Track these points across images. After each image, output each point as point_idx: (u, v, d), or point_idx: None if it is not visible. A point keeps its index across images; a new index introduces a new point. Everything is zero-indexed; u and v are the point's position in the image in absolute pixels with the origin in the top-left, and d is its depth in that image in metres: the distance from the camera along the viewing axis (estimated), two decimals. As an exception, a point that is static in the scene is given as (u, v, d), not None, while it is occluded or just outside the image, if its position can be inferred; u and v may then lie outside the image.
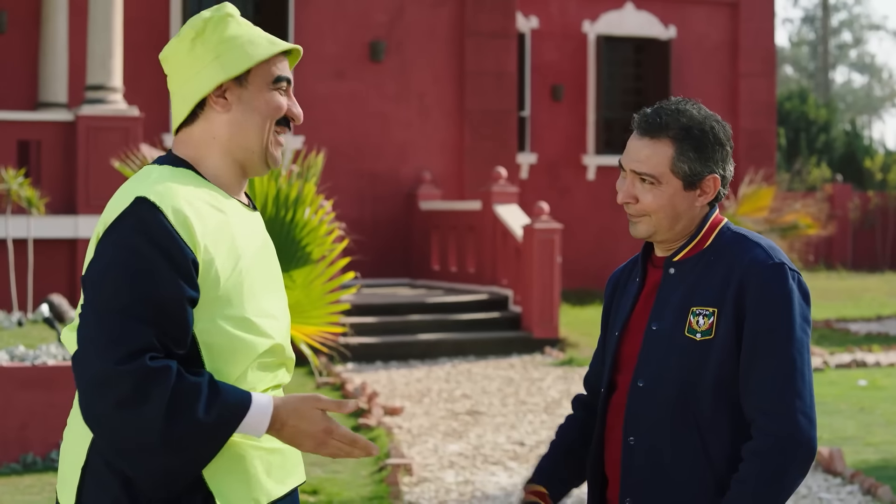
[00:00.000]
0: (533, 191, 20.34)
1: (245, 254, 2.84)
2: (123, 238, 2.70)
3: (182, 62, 2.92)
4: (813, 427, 2.96)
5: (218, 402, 2.68)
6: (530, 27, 21.13)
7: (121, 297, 2.67)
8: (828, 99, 49.77)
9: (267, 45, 2.90)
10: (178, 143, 2.93)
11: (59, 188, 14.28)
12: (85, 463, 2.78)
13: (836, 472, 8.35)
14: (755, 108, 22.30)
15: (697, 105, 3.12)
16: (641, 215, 3.11)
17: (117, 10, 14.48)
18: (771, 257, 3.02)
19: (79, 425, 2.81)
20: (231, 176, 2.92)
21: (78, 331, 2.73)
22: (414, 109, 18.58)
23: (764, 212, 16.50)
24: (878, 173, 30.70)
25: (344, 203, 16.77)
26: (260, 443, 2.82)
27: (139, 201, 2.73)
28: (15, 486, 8.10)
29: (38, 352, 9.00)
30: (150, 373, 2.63)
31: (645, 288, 3.17)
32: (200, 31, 2.90)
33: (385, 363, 14.02)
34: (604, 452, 3.17)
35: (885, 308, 20.27)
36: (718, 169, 3.09)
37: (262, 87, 2.90)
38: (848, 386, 12.22)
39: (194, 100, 2.88)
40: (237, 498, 2.77)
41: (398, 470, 8.37)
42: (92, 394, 2.65)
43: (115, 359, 2.62)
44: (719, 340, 2.99)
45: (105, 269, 2.70)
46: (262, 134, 2.90)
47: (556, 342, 15.00)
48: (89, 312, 2.70)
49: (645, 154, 3.08)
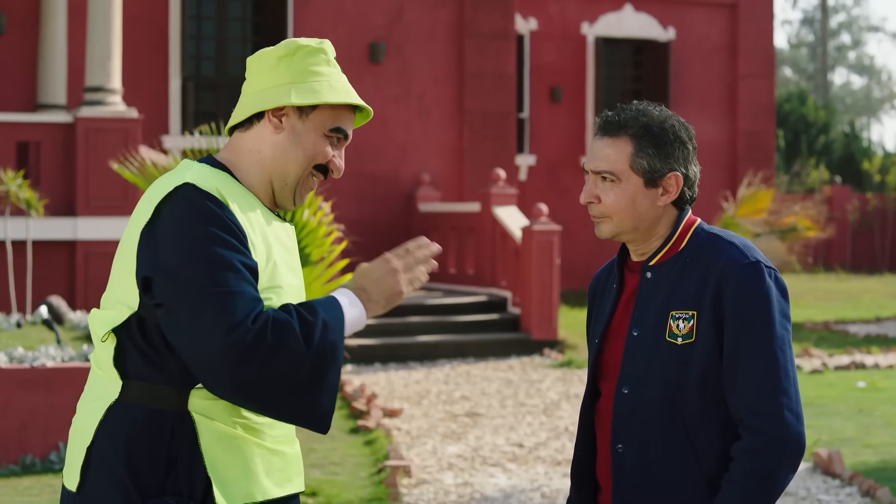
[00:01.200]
0: (532, 192, 20.34)
1: (276, 251, 2.92)
2: (181, 219, 2.78)
3: (262, 73, 2.99)
4: (800, 423, 2.98)
5: (321, 309, 2.81)
6: (529, 29, 21.13)
7: (209, 271, 2.73)
8: (827, 100, 49.79)
9: (341, 93, 2.96)
10: (226, 146, 3.02)
11: (58, 190, 14.28)
12: (91, 444, 2.84)
13: (835, 473, 8.35)
14: (754, 109, 22.31)
15: (659, 107, 3.13)
16: (604, 216, 3.11)
17: (116, 12, 14.48)
18: (746, 256, 3.02)
19: (86, 408, 2.89)
20: (263, 192, 2.98)
21: (179, 320, 2.75)
22: (413, 111, 18.58)
23: (763, 214, 16.49)
24: (877, 175, 30.70)
25: (343, 204, 16.77)
26: (262, 441, 2.88)
27: (185, 186, 2.81)
28: (14, 487, 8.10)
29: (37, 353, 9.00)
30: (274, 321, 2.74)
31: (623, 294, 3.17)
32: (292, 53, 2.97)
33: (384, 365, 14.01)
34: (595, 460, 3.18)
35: (883, 310, 20.27)
36: (680, 167, 3.09)
37: (317, 127, 2.95)
38: (847, 388, 12.21)
39: (255, 108, 2.95)
40: (235, 489, 2.83)
41: (397, 472, 8.36)
42: (232, 369, 2.71)
43: (241, 327, 2.70)
44: (701, 342, 3.00)
45: (180, 251, 2.76)
46: (299, 170, 2.96)
47: (555, 344, 15.00)
48: (184, 299, 2.74)
49: (605, 153, 3.09)
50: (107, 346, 2.86)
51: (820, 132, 34.48)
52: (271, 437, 2.90)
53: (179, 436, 2.81)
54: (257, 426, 2.88)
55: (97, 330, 2.88)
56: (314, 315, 2.79)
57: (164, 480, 2.80)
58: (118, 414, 2.83)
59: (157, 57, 17.37)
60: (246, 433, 2.85)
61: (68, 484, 2.88)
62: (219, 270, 2.73)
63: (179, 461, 2.81)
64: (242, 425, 2.85)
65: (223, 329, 2.70)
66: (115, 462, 2.80)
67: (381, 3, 18.43)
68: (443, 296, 16.26)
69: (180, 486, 2.80)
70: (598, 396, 3.17)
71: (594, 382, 3.17)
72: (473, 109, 18.79)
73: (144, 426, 2.81)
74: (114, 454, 2.80)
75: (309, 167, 2.96)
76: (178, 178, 2.85)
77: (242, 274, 2.75)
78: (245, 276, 2.76)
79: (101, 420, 2.84)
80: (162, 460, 2.80)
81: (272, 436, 2.91)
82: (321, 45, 2.99)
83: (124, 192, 14.10)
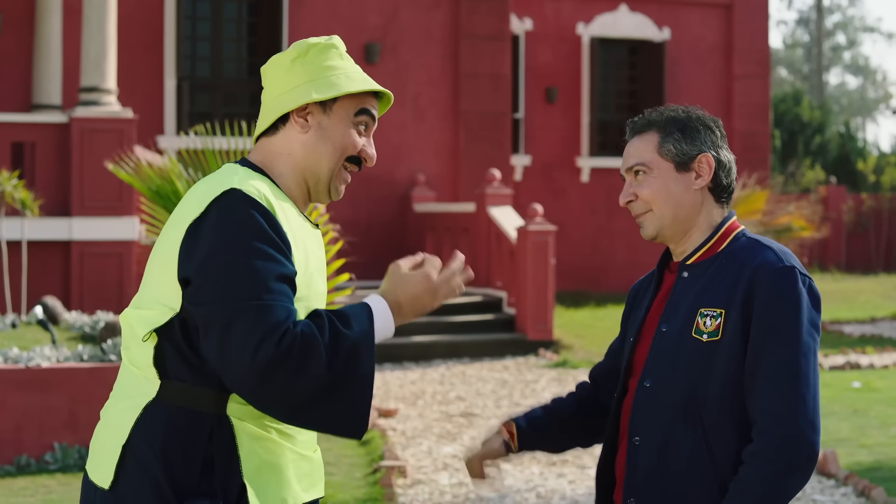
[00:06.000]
0: (527, 193, 20.35)
1: (312, 259, 2.94)
2: (226, 226, 2.79)
3: (278, 78, 3.00)
4: (815, 432, 2.94)
5: (352, 319, 2.83)
6: (524, 29, 21.14)
7: (246, 283, 2.75)
8: (822, 101, 49.83)
9: (361, 81, 2.98)
10: (256, 150, 3.02)
11: (53, 190, 14.26)
12: (126, 442, 2.83)
13: (830, 473, 8.35)
14: (749, 110, 22.32)
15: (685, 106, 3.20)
16: (644, 211, 3.12)
17: (111, 12, 14.46)
18: (781, 260, 3.01)
19: (121, 406, 2.87)
20: (298, 193, 3.00)
21: (212, 327, 2.76)
22: (408, 111, 18.58)
23: (758, 214, 16.52)
24: (872, 175, 30.74)
25: (338, 205, 16.77)
26: (294, 446, 2.91)
27: (231, 192, 2.82)
28: (9, 488, 8.09)
29: (32, 354, 9.00)
30: (302, 338, 2.74)
31: (659, 293, 3.18)
32: (304, 53, 2.99)
33: (379, 365, 14.01)
34: (615, 455, 3.17)
35: (878, 310, 20.29)
36: (709, 149, 3.11)
37: (343, 118, 2.98)
38: (842, 388, 12.22)
39: (278, 112, 2.97)
40: (269, 494, 2.85)
41: (392, 472, 8.37)
42: (258, 383, 2.73)
43: (268, 342, 2.71)
44: (726, 341, 2.98)
45: (220, 258, 2.77)
46: (331, 164, 2.98)
47: (550, 344, 15.00)
48: (219, 308, 2.75)
49: (633, 149, 3.14)
50: (146, 345, 2.86)
51: (815, 132, 34.52)
52: (301, 442, 2.93)
53: (217, 438, 2.81)
54: (290, 431, 2.90)
55: (137, 330, 2.87)
56: (348, 326, 2.81)
57: (199, 482, 2.80)
58: (155, 413, 2.82)
59: (153, 57, 17.36)
60: (280, 438, 2.87)
61: (99, 481, 2.85)
62: (255, 282, 2.75)
63: (216, 463, 2.81)
64: (277, 430, 2.87)
65: (252, 344, 2.71)
66: (150, 461, 2.80)
67: (376, 3, 18.43)
68: (438, 296, 16.24)
69: (215, 488, 2.81)
70: (626, 393, 3.17)
71: (624, 380, 3.17)
72: (468, 110, 18.79)
73: (182, 427, 2.81)
74: (150, 453, 2.80)
75: (341, 160, 2.99)
76: (226, 182, 2.85)
77: (279, 286, 2.77)
78: (282, 288, 2.77)
79: (138, 418, 2.83)
80: (198, 461, 2.80)
81: (302, 441, 2.93)
82: (331, 40, 3.02)
83: (119, 192, 14.09)
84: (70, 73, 16.05)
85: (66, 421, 8.64)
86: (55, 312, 12.35)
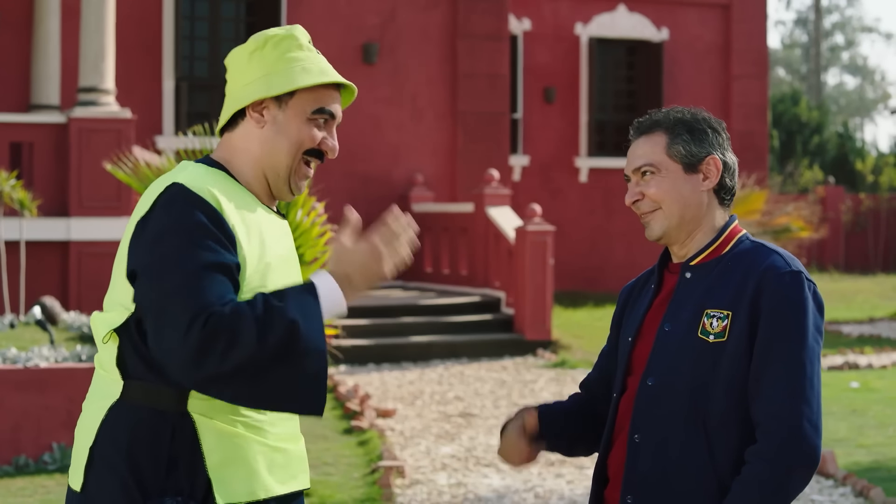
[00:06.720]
0: (525, 193, 20.34)
1: (271, 252, 2.91)
2: (164, 220, 2.78)
3: (238, 71, 2.97)
4: (818, 436, 2.97)
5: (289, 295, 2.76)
6: (523, 29, 21.14)
7: (177, 272, 2.74)
8: (820, 101, 49.85)
9: (317, 74, 2.93)
10: (219, 146, 3.01)
11: (51, 190, 14.26)
12: (93, 444, 2.84)
13: (829, 473, 8.36)
14: (747, 110, 22.32)
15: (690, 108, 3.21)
16: (651, 210, 3.11)
17: (110, 13, 14.46)
18: (789, 265, 3.03)
19: (90, 408, 2.88)
20: (259, 188, 2.98)
21: (153, 315, 2.76)
22: (406, 111, 18.58)
23: (756, 214, 16.50)
24: (870, 175, 30.76)
25: (336, 205, 16.73)
26: (264, 438, 2.88)
27: (174, 185, 2.82)
28: (7, 488, 8.09)
29: (31, 354, 9.00)
30: (230, 317, 2.70)
31: (661, 293, 3.18)
32: (261, 45, 2.95)
33: (377, 365, 14.01)
34: (609, 454, 3.17)
35: (877, 310, 20.29)
36: (717, 152, 3.13)
37: (299, 114, 2.93)
38: (840, 388, 12.23)
39: (234, 108, 2.94)
40: (236, 488, 2.83)
41: (390, 472, 8.36)
42: (193, 368, 2.71)
43: (195, 326, 2.68)
44: (732, 343, 2.99)
45: (155, 250, 2.77)
46: (288, 159, 2.94)
47: (548, 344, 15.00)
48: (152, 298, 2.76)
49: (641, 150, 3.13)
50: (109, 346, 2.87)
51: (813, 133, 34.53)
52: (273, 434, 2.90)
53: (180, 436, 2.81)
54: (258, 424, 2.88)
55: (98, 331, 2.89)
56: (282, 300, 2.75)
57: (166, 480, 2.81)
58: (120, 414, 2.83)
59: (151, 57, 17.36)
60: (247, 431, 2.85)
61: (73, 484, 2.88)
62: (186, 272, 2.73)
63: (180, 461, 2.81)
64: (243, 423, 2.86)
65: (181, 329, 2.70)
66: (117, 461, 2.80)
67: (374, 3, 18.43)
68: (436, 296, 16.25)
69: (182, 486, 2.81)
70: (625, 391, 3.16)
71: (623, 378, 3.17)
72: (467, 110, 18.79)
73: (146, 426, 2.81)
74: (116, 454, 2.81)
75: (298, 154, 2.95)
76: (172, 178, 2.86)
77: (212, 275, 2.75)
78: (215, 276, 2.75)
79: (103, 420, 2.84)
80: (163, 460, 2.81)
81: (274, 433, 2.91)
82: (291, 31, 2.98)
83: (117, 192, 14.09)
84: (68, 73, 16.04)
85: (65, 421, 8.64)
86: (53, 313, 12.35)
